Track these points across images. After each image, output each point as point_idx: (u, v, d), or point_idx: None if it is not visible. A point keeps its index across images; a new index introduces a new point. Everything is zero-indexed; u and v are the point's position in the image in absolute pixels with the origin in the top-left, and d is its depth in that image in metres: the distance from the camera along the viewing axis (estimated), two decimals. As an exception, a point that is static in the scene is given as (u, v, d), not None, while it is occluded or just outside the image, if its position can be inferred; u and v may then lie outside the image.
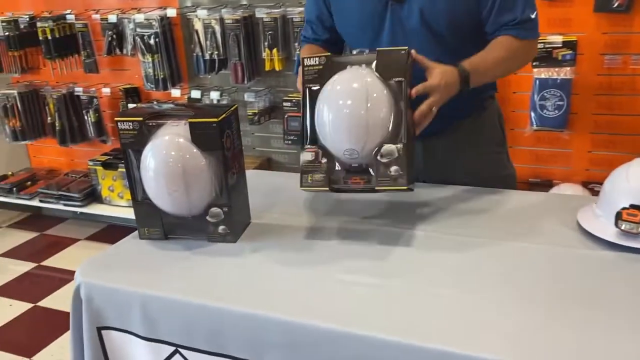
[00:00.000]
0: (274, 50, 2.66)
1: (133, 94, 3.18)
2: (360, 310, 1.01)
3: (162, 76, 2.93)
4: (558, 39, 2.21)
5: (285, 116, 2.73)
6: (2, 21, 3.19)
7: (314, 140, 1.22)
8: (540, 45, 2.18)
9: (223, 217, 1.26)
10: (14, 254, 3.31)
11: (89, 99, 3.25)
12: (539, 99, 2.22)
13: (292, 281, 1.12)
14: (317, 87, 1.22)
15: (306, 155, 1.21)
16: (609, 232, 1.15)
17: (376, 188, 1.16)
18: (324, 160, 1.19)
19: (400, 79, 1.16)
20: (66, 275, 2.89)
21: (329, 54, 1.25)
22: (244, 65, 2.74)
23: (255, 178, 1.67)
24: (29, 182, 3.54)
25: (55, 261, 3.19)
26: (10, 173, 3.66)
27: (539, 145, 2.45)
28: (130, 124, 1.24)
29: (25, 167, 3.82)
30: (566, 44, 2.20)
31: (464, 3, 1.32)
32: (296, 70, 1.51)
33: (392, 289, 1.06)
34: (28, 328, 2.55)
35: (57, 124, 3.31)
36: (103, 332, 1.20)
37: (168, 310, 1.11)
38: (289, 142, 2.73)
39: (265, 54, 2.69)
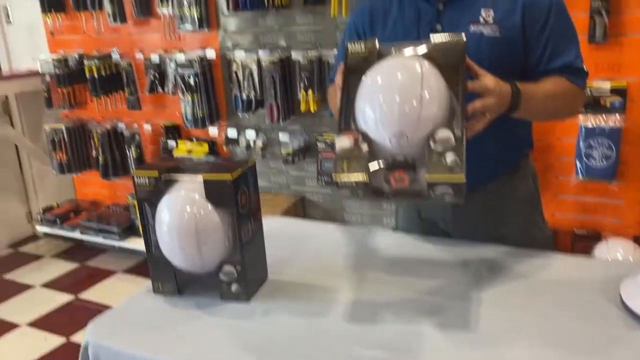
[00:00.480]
0: (310, 92, 2.64)
1: (173, 130, 3.23)
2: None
3: (200, 115, 2.97)
4: (606, 85, 2.09)
5: (320, 157, 2.71)
6: (54, 59, 3.33)
7: (350, 125, 1.06)
8: (586, 92, 2.07)
9: (236, 276, 1.22)
10: (54, 284, 3.38)
11: (131, 135, 3.33)
12: (585, 147, 2.09)
13: (304, 353, 1.05)
14: (360, 71, 1.07)
15: (343, 141, 1.02)
16: (655, 313, 1.03)
17: (427, 178, 0.95)
18: (364, 146, 1.01)
19: (456, 64, 1.04)
20: (101, 309, 2.91)
21: (375, 39, 1.11)
22: (280, 106, 2.74)
23: (281, 226, 1.65)
24: (72, 214, 3.64)
25: (93, 293, 3.23)
26: (55, 204, 3.77)
27: (586, 195, 2.31)
28: (147, 178, 1.23)
29: (70, 198, 3.94)
30: (615, 91, 2.07)
31: (511, 50, 1.26)
32: (330, 113, 1.47)
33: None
34: (58, 364, 2.58)
35: (100, 158, 3.41)
36: (109, 393, 1.16)
37: (171, 377, 1.06)
38: (323, 183, 2.71)
39: (300, 95, 2.68)
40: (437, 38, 1.07)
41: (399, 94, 1.00)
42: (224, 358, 1.05)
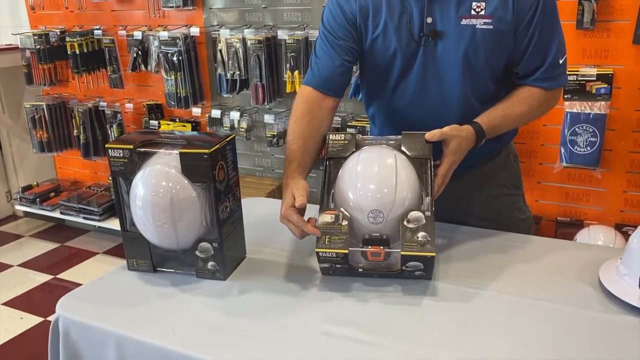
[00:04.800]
0: (296, 73, 2.60)
1: (156, 110, 3.18)
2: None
3: (184, 94, 2.92)
4: (592, 71, 2.07)
5: (305, 140, 2.66)
6: (34, 34, 3.25)
7: (335, 204, 1.19)
8: (572, 78, 2.06)
9: (213, 253, 1.19)
10: (33, 264, 3.33)
11: (113, 114, 3.27)
12: (569, 134, 2.08)
13: (278, 332, 1.03)
14: (339, 157, 1.23)
15: (325, 217, 1.15)
16: (632, 295, 1.03)
17: (402, 253, 1.09)
18: (344, 223, 1.14)
19: (425, 157, 1.21)
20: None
21: (354, 132, 1.27)
22: (265, 87, 2.70)
23: (261, 206, 1.63)
24: (53, 194, 3.58)
25: (72, 274, 3.19)
26: (35, 183, 3.71)
27: (569, 182, 2.30)
28: (121, 151, 1.19)
29: (51, 177, 3.87)
30: (601, 77, 2.06)
31: (503, 43, 1.26)
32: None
33: (386, 349, 0.96)
34: (33, 344, 2.54)
35: (81, 137, 3.35)
36: (79, 369, 1.14)
37: (143, 355, 1.04)
38: (307, 166, 2.66)
39: (286, 76, 2.64)
40: (407, 133, 1.23)
41: (376, 180, 1.14)
42: (197, 335, 1.03)
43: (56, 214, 3.48)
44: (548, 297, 1.08)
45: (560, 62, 1.30)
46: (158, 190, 1.15)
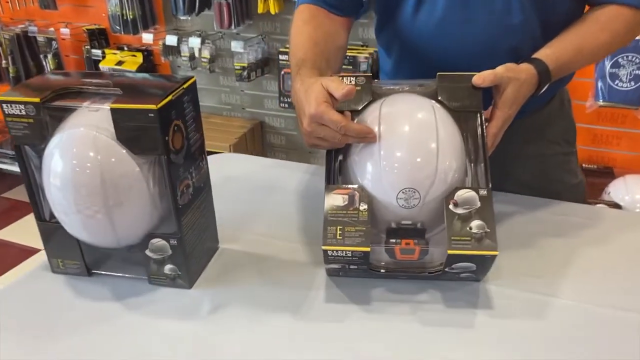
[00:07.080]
0: (269, -12, 2.22)
1: (100, 36, 2.77)
2: None
3: (131, 16, 2.52)
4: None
5: (282, 72, 2.33)
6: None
7: (345, 181, 0.88)
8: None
9: (171, 253, 0.83)
10: (-34, 219, 2.92)
11: (47, 41, 2.85)
12: (610, 66, 1.75)
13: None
14: (350, 111, 0.90)
15: (334, 199, 0.84)
16: None
17: (449, 252, 0.78)
18: (362, 207, 0.82)
19: (473, 109, 0.89)
20: (18, 253, 2.53)
21: (369, 74, 0.93)
22: (231, 6, 2.30)
23: (233, 166, 1.26)
24: (-17, 137, 3.13)
25: (11, 232, 2.82)
26: (-39, 125, 3.21)
27: (600, 123, 2.02)
28: (22, 106, 0.79)
29: (-19, 117, 3.38)
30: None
31: None
32: None
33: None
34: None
35: (11, 70, 2.94)
36: None
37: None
38: (286, 105, 2.36)
39: (258, -7, 2.27)
40: (446, 75, 0.91)
41: (408, 145, 0.83)
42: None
43: (-13, 162, 3.05)
44: (635, 305, 0.80)
45: None
46: (83, 164, 0.77)
